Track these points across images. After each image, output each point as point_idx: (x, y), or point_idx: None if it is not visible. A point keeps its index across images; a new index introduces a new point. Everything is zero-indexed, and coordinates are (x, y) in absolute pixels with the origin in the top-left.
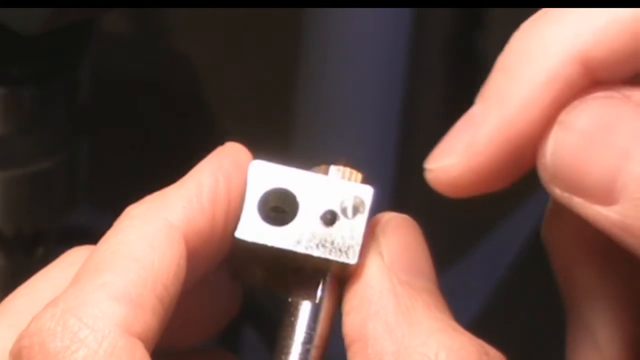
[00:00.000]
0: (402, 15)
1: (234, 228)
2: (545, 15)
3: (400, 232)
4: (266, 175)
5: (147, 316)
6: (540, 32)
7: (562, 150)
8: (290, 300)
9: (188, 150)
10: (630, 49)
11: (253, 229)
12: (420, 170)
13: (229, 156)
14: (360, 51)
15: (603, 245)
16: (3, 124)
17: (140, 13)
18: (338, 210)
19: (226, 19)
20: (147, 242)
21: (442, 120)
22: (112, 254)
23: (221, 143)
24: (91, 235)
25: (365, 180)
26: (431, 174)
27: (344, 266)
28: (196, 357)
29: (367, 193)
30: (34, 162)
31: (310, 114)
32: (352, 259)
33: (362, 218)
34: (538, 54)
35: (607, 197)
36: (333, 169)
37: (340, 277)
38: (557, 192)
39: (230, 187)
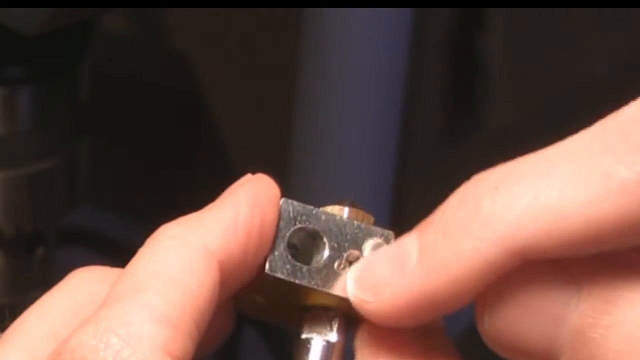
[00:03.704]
0: (402, 15)
1: (261, 261)
2: (484, 188)
3: None
4: (294, 213)
5: (185, 340)
6: (478, 211)
7: (498, 319)
8: (303, 337)
9: (188, 151)
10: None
11: (284, 266)
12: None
13: (263, 190)
14: (359, 50)
15: None
16: (3, 124)
17: (140, 13)
18: (361, 253)
19: (226, 19)
20: (187, 266)
21: (442, 121)
22: (152, 273)
23: (220, 143)
24: (91, 235)
25: (376, 223)
26: (370, 305)
27: None
28: None
29: (389, 238)
30: (34, 162)
31: (310, 110)
32: None
33: None
34: (475, 236)
35: (547, 357)
36: (348, 211)
37: (353, 314)
38: (501, 352)
39: (264, 222)
